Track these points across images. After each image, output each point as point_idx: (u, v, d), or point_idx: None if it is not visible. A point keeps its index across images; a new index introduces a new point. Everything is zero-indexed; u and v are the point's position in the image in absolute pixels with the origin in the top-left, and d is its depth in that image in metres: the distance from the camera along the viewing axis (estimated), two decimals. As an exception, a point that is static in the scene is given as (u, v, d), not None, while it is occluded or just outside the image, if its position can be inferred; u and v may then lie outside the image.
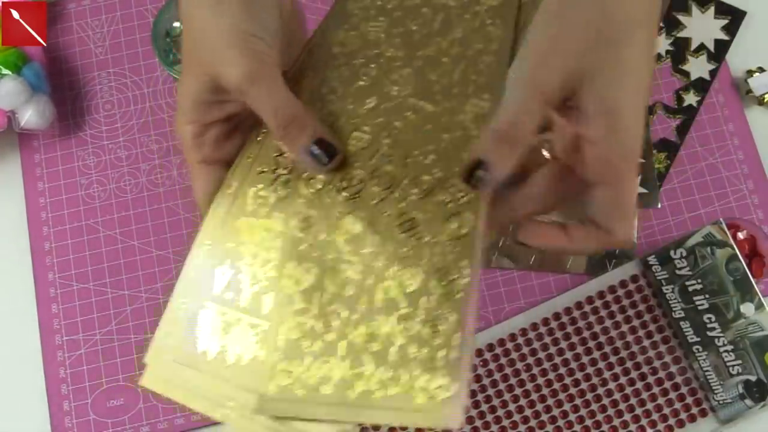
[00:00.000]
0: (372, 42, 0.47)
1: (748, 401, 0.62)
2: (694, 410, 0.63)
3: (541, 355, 0.64)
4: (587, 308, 0.65)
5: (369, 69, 0.46)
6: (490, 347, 0.65)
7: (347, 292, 0.42)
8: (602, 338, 0.65)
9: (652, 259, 0.64)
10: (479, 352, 0.64)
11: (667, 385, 0.64)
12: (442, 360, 0.39)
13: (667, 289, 0.64)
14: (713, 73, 0.71)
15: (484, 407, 0.63)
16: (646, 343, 0.64)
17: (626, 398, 0.64)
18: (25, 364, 0.67)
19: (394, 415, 0.39)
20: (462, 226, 0.41)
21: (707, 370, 0.62)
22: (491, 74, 0.44)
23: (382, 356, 0.40)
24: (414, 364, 0.39)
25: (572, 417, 0.63)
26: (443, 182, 0.42)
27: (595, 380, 0.64)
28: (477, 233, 0.40)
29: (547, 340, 0.65)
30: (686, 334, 0.63)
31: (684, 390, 0.64)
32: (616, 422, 0.63)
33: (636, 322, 0.65)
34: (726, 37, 0.71)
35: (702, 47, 0.71)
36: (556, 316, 0.65)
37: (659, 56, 0.72)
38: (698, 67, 0.71)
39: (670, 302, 0.64)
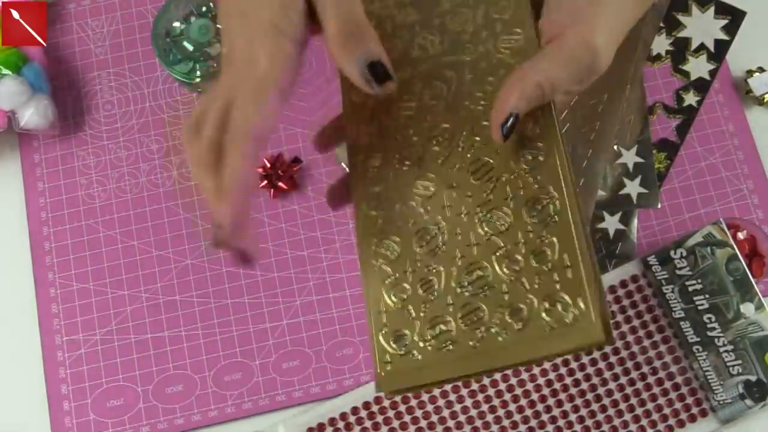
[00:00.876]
0: (385, 17, 0.47)
1: (748, 401, 0.62)
2: (694, 410, 0.63)
3: (541, 355, 0.64)
4: (587, 308, 0.65)
5: (392, 44, 0.45)
6: (490, 347, 0.65)
7: (440, 249, 0.41)
8: (602, 338, 0.65)
9: (652, 259, 0.64)
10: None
11: (667, 385, 0.64)
12: (558, 283, 0.38)
13: (667, 289, 0.64)
14: (713, 73, 0.71)
15: (485, 407, 0.63)
16: (646, 343, 0.64)
17: (626, 398, 0.64)
18: (25, 364, 0.67)
19: (527, 349, 0.38)
20: (538, 155, 0.40)
21: (707, 370, 0.62)
22: (514, 7, 0.43)
23: (495, 299, 0.39)
24: (531, 296, 0.38)
25: (572, 417, 0.63)
26: None
27: (595, 380, 0.64)
28: (556, 156, 0.40)
29: (547, 340, 0.65)
30: (686, 334, 0.63)
31: (684, 390, 0.64)
32: (616, 422, 0.63)
33: (636, 322, 0.65)
34: (726, 37, 0.71)
35: (702, 47, 0.71)
36: (556, 316, 0.65)
37: (659, 56, 0.72)
38: (698, 67, 0.71)
39: (670, 302, 0.64)
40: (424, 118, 0.43)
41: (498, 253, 0.40)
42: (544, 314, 0.38)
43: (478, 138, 0.42)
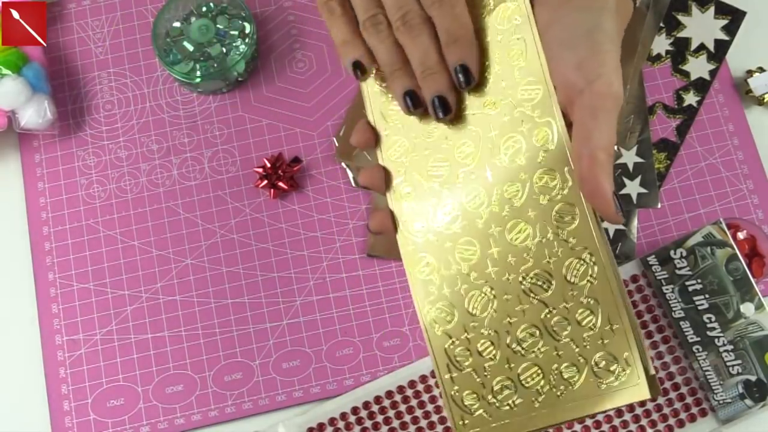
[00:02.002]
0: None
1: (748, 401, 0.62)
2: (694, 410, 0.63)
3: (541, 355, 0.64)
4: (587, 308, 0.65)
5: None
6: (490, 347, 0.65)
7: (491, 313, 0.43)
8: (602, 338, 0.65)
9: (652, 259, 0.64)
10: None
11: (667, 385, 0.64)
12: (604, 343, 0.41)
13: (667, 289, 0.64)
14: (713, 73, 0.71)
15: (484, 407, 0.63)
16: (646, 343, 0.64)
17: (626, 398, 0.64)
18: (25, 364, 0.67)
19: (583, 406, 0.41)
20: (570, 216, 0.42)
21: (707, 370, 0.62)
22: (528, 54, 0.44)
23: (549, 359, 0.42)
24: (581, 357, 0.41)
25: (572, 417, 0.63)
26: (532, 181, 0.43)
27: (595, 380, 0.64)
28: (588, 217, 0.41)
29: (547, 340, 0.65)
30: (686, 334, 0.63)
31: (684, 390, 0.64)
32: (616, 422, 0.63)
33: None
34: (726, 37, 0.71)
35: (702, 47, 0.71)
36: (556, 316, 0.65)
37: (659, 56, 0.72)
38: (698, 67, 0.71)
39: (670, 302, 0.64)
40: (456, 178, 0.45)
41: (546, 315, 0.42)
42: (594, 373, 0.41)
43: (510, 198, 0.43)
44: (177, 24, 0.71)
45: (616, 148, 0.68)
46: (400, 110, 0.46)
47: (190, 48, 0.70)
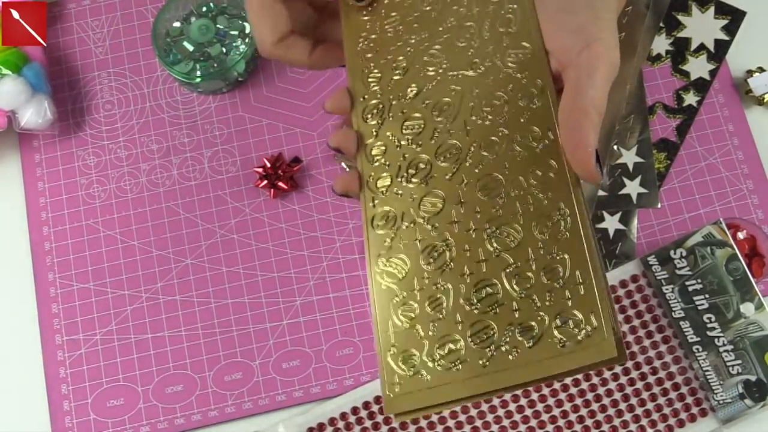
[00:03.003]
0: (392, 38, 0.47)
1: (748, 401, 0.62)
2: (694, 410, 0.63)
3: (541, 355, 0.64)
4: (587, 308, 0.65)
5: (398, 62, 0.46)
6: (490, 347, 0.65)
7: (448, 266, 0.40)
8: (602, 338, 0.65)
9: (652, 259, 0.64)
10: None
11: (667, 385, 0.64)
12: (570, 300, 0.37)
13: (667, 289, 0.64)
14: (713, 73, 0.71)
15: (485, 407, 0.63)
16: (646, 343, 0.64)
17: (626, 398, 0.64)
18: (25, 364, 0.67)
19: (538, 367, 0.37)
20: (548, 171, 0.40)
21: (707, 370, 0.62)
22: (520, 20, 0.44)
23: (505, 317, 0.38)
24: (542, 313, 0.38)
25: (572, 417, 0.63)
26: (512, 136, 0.42)
27: (595, 380, 0.64)
28: (567, 173, 0.40)
29: (547, 340, 0.65)
30: (686, 334, 0.63)
31: (684, 390, 0.64)
32: (617, 422, 0.63)
33: (636, 322, 0.65)
34: (726, 37, 0.71)
35: (702, 47, 0.71)
36: (556, 316, 0.65)
37: (659, 56, 0.72)
38: (698, 67, 0.71)
39: (670, 302, 0.64)
40: (431, 135, 0.44)
41: (508, 270, 0.39)
42: (555, 332, 0.37)
43: (485, 153, 0.42)
44: (177, 24, 0.71)
45: (615, 147, 0.68)
46: (381, 75, 0.46)
47: (190, 48, 0.70)
